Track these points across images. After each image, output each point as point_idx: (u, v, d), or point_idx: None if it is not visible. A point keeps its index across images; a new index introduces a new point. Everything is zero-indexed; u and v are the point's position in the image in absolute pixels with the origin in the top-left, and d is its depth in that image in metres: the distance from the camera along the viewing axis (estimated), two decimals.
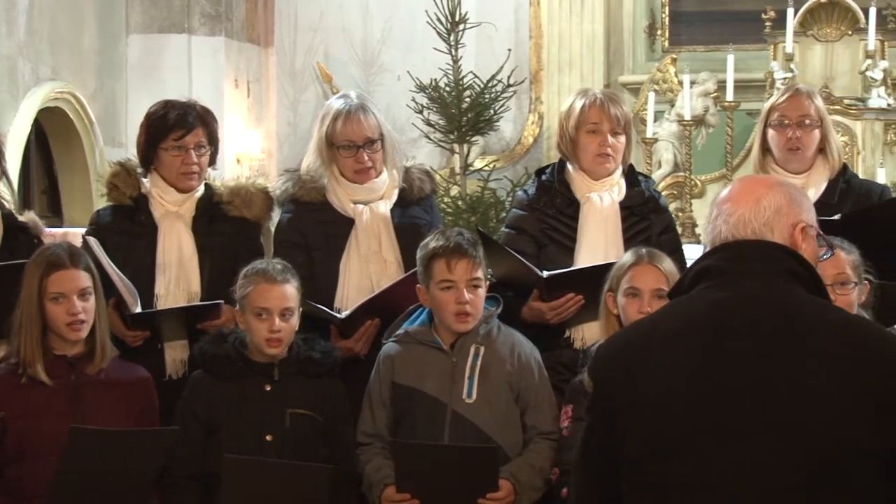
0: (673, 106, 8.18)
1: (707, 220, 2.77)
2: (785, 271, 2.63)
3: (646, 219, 4.63)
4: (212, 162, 4.72)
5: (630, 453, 2.62)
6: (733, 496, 2.52)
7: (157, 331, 4.47)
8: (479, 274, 4.23)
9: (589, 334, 4.40)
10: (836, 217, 4.35)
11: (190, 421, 4.19)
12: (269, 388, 4.20)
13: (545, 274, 4.41)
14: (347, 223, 4.60)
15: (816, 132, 4.63)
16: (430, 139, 8.28)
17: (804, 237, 2.70)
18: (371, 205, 4.62)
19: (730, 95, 7.74)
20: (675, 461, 2.56)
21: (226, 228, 4.64)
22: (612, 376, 2.71)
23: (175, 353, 4.51)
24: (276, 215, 4.79)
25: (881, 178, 7.30)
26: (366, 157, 4.59)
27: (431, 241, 4.26)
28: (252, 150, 8.86)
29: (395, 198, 4.67)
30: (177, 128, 4.57)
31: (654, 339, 2.68)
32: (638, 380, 2.65)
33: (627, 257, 4.21)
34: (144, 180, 4.66)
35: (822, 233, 2.77)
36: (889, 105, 7.76)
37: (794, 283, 2.63)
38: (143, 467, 3.96)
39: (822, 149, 4.67)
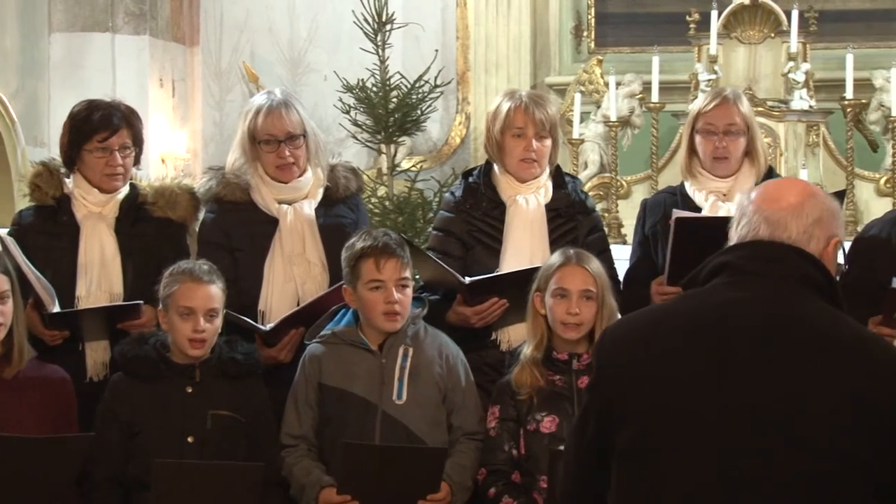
0: (599, 107, 8.22)
1: (739, 212, 2.73)
2: (803, 278, 2.62)
3: (572, 220, 4.64)
4: (136, 162, 4.67)
5: (624, 441, 2.62)
6: (721, 499, 2.52)
7: (77, 331, 4.42)
8: (407, 274, 4.23)
9: (515, 336, 4.41)
10: None
11: (110, 423, 4.16)
12: (190, 390, 4.18)
13: (467, 280, 4.42)
14: (272, 223, 4.58)
15: (742, 139, 4.67)
16: (357, 139, 8.25)
17: (834, 252, 2.71)
18: (295, 205, 4.59)
19: (655, 97, 7.79)
20: (666, 457, 2.57)
21: (149, 229, 4.59)
22: (615, 362, 2.70)
23: (96, 356, 4.45)
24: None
25: (804, 178, 7.38)
26: (287, 153, 4.56)
27: (358, 242, 4.25)
28: (177, 150, 8.78)
29: (319, 197, 4.65)
30: (101, 129, 4.52)
31: (662, 332, 2.67)
32: (640, 370, 2.64)
33: (555, 258, 4.23)
34: (67, 181, 4.60)
35: (844, 248, 2.76)
36: (811, 107, 7.84)
37: (810, 291, 2.62)
38: (58, 474, 3.91)
39: (749, 151, 4.71)
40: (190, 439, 4.12)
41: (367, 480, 3.99)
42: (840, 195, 4.67)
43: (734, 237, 2.72)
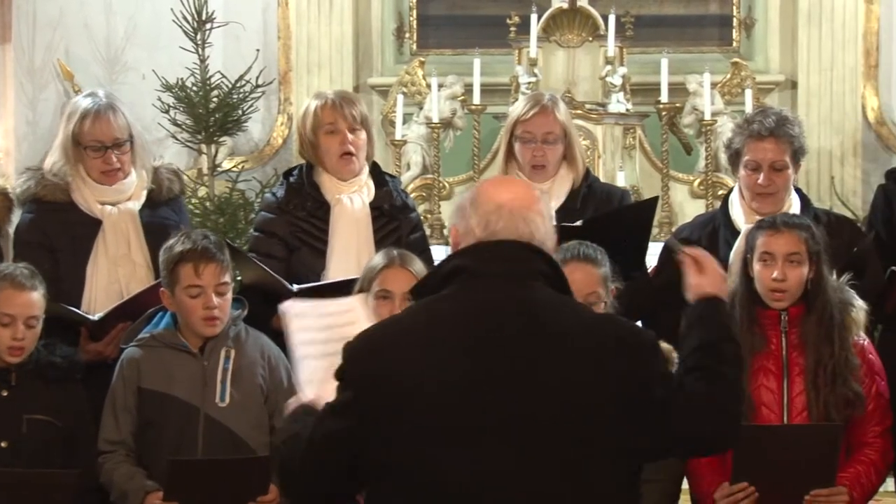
0: (421, 108, 8.24)
1: (467, 211, 2.80)
2: (536, 272, 2.73)
3: (395, 219, 4.67)
4: None
5: (387, 452, 2.66)
6: (492, 498, 2.62)
7: None
8: (227, 278, 4.20)
9: None
10: (579, 223, 4.48)
11: None
12: (5, 394, 4.10)
13: (296, 287, 4.41)
14: (94, 224, 4.52)
15: (560, 145, 4.75)
16: (176, 139, 8.14)
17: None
18: (119, 206, 4.55)
19: (476, 99, 7.85)
20: (440, 459, 2.64)
21: None
22: (366, 379, 2.72)
23: None
24: (17, 216, 4.66)
25: (621, 181, 7.51)
26: (114, 159, 4.52)
27: (177, 245, 4.20)
28: None
29: (143, 198, 4.61)
30: None
31: (411, 342, 2.72)
32: (395, 384, 2.68)
33: (379, 259, 4.23)
34: None
35: None
36: (628, 110, 8.00)
37: (544, 283, 2.74)
38: None
39: (567, 155, 4.78)
40: (3, 444, 4.05)
41: (195, 489, 3.95)
42: (653, 202, 4.80)
43: (470, 234, 2.77)
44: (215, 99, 8.01)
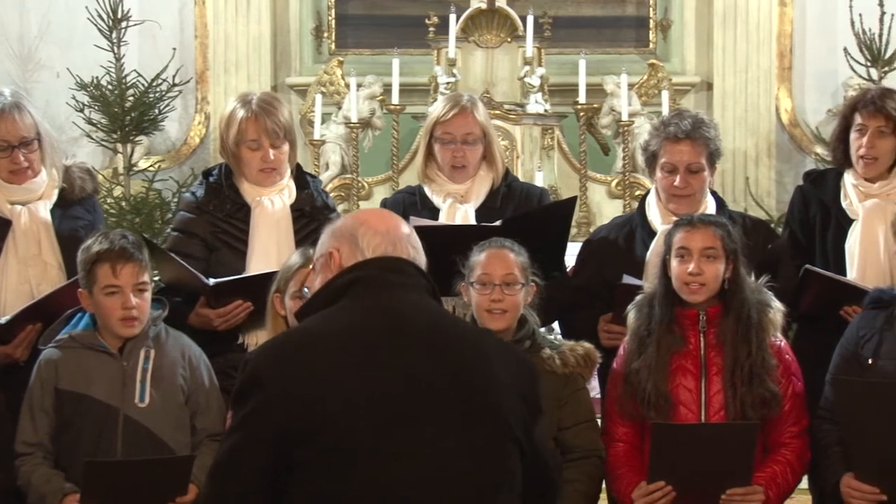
0: (340, 108, 8.23)
1: (352, 236, 2.95)
2: (422, 286, 2.90)
3: (316, 220, 4.66)
4: None
5: (313, 451, 2.71)
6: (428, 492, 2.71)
7: None
8: (145, 278, 4.16)
9: (263, 339, 4.38)
10: (498, 223, 4.50)
11: None
12: None
13: (212, 282, 4.38)
14: (3, 225, 4.47)
15: (480, 146, 4.76)
16: (91, 138, 8.07)
17: None
18: (30, 206, 4.50)
19: (395, 99, 7.86)
20: (369, 454, 2.71)
21: None
22: (285, 382, 2.75)
23: None
24: None
25: (539, 181, 7.54)
26: (21, 158, 4.47)
27: (94, 245, 4.16)
28: None
29: (55, 198, 4.56)
30: None
31: (326, 351, 2.78)
32: (320, 382, 2.74)
33: (295, 258, 4.22)
34: None
35: None
36: (546, 111, 8.04)
37: (428, 295, 2.92)
38: None
39: (486, 156, 4.80)
40: None
41: (112, 494, 3.91)
42: (571, 202, 4.82)
43: (358, 255, 2.91)
44: (131, 98, 7.95)
